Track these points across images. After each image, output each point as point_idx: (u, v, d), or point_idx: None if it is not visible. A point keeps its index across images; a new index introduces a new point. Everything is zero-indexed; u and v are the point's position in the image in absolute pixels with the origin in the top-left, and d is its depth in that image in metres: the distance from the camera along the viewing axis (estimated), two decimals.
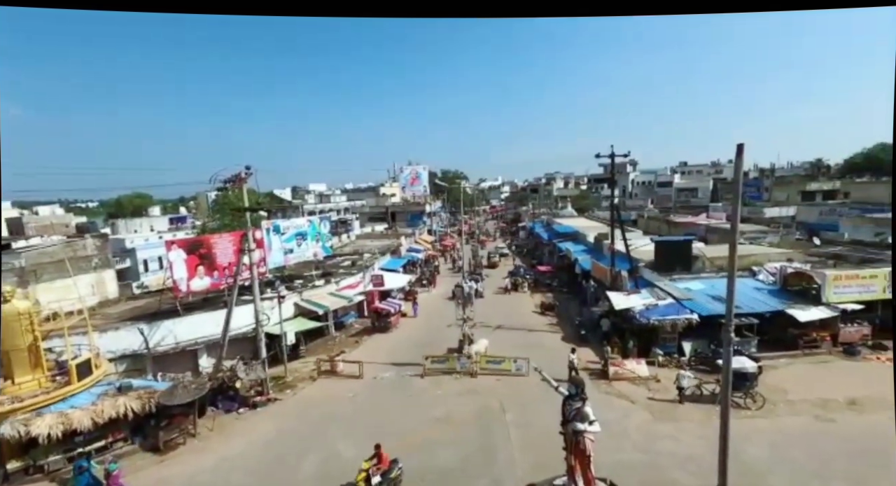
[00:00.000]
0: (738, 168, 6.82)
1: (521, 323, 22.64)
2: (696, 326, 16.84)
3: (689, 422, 12.43)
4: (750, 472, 9.65)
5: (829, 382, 14.35)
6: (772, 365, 15.50)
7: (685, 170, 72.01)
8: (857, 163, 54.77)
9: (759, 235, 29.17)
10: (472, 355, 16.79)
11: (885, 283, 16.77)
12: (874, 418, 12.01)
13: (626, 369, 15.79)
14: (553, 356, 17.74)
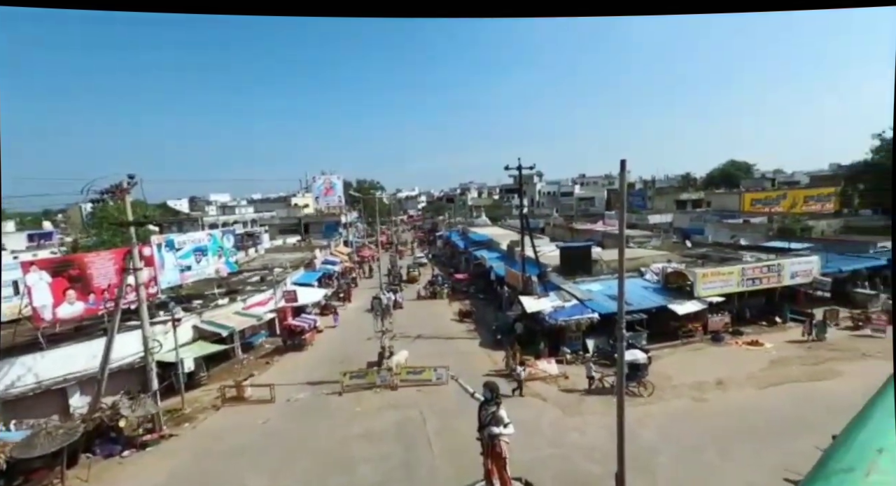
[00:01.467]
0: (623, 181, 7.69)
1: (440, 331, 22.91)
2: (597, 324, 18.46)
3: (593, 414, 13.49)
4: (643, 453, 10.75)
5: (702, 366, 16.60)
6: (658, 355, 17.49)
7: (584, 181, 79.41)
8: (714, 177, 65.11)
9: (644, 239, 32.95)
10: (392, 367, 16.57)
11: (738, 278, 19.94)
12: (735, 394, 14.20)
13: (538, 369, 16.71)
14: (471, 362, 18.27)
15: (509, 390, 14.56)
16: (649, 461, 10.63)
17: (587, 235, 37.12)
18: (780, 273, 20.30)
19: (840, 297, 21.50)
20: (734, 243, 30.04)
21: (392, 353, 17.97)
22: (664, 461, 10.75)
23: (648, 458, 10.71)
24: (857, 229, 31.43)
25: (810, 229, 32.57)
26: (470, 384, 15.11)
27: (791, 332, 19.47)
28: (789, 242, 27.01)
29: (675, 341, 19.01)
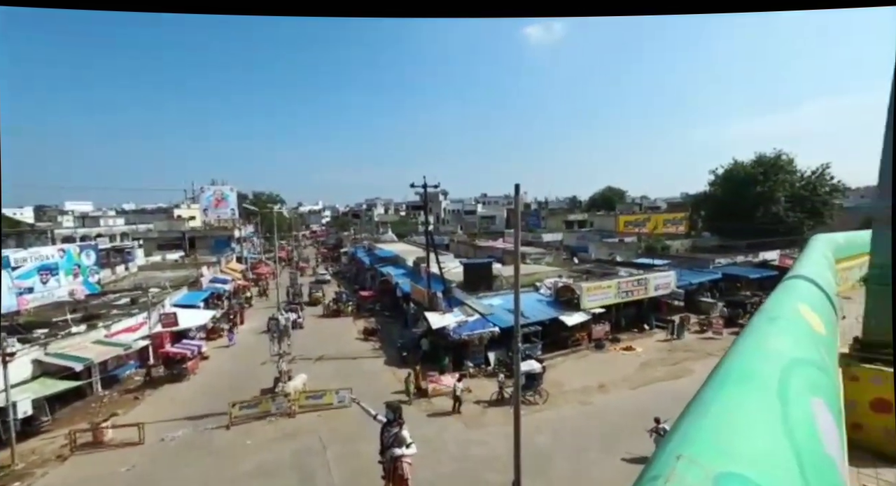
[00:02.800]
0: (517, 203, 8.34)
1: (344, 351, 22.03)
2: (498, 337, 19.37)
3: (495, 425, 14.00)
4: (539, 458, 11.44)
5: (587, 372, 18.31)
6: (552, 364, 18.89)
7: (486, 200, 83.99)
8: (596, 200, 73.65)
9: (539, 256, 35.74)
10: (289, 393, 15.42)
11: (616, 290, 22.57)
12: (614, 395, 15.91)
13: (442, 384, 16.91)
14: (376, 382, 17.83)
15: (416, 408, 14.51)
16: (545, 464, 11.33)
17: (489, 251, 39.02)
18: (647, 286, 23.46)
19: (690, 305, 25.52)
20: (612, 260, 34.08)
21: (290, 377, 16.76)
22: (558, 463, 11.54)
23: (544, 462, 11.41)
24: (701, 249, 37.87)
25: (668, 248, 38.35)
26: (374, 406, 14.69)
27: (656, 336, 22.54)
28: (653, 258, 31.50)
29: (566, 350, 20.71)
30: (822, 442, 1.34)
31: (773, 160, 37.82)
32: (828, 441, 1.39)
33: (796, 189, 36.81)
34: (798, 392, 1.48)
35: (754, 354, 1.74)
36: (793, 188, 36.77)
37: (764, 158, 38.33)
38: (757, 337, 1.98)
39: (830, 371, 2.10)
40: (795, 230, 34.10)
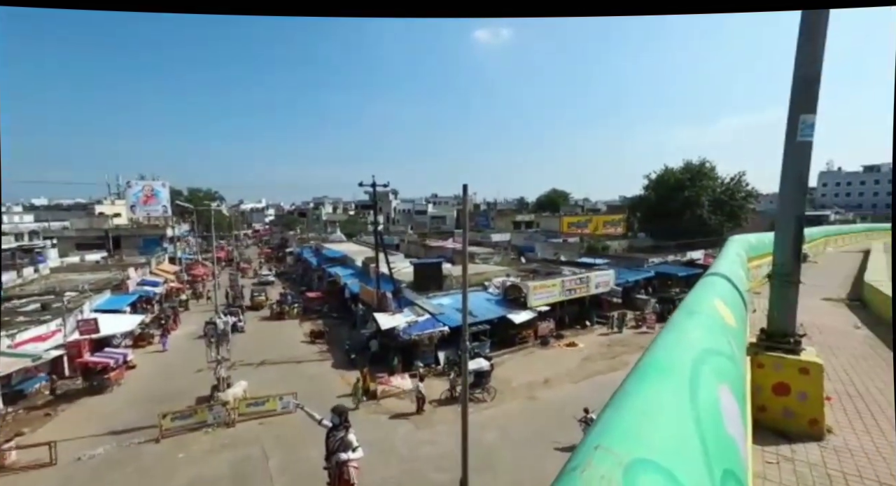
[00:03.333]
0: (465, 203, 8.46)
1: (289, 355, 21.20)
2: (448, 336, 19.52)
3: (445, 424, 14.10)
4: (487, 454, 11.69)
5: (534, 368, 18.93)
6: (500, 361, 19.34)
7: (436, 201, 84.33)
8: (542, 202, 76.44)
9: (488, 256, 36.43)
10: (228, 401, 14.60)
11: (560, 289, 23.53)
12: (558, 390, 16.57)
13: (392, 385, 16.78)
14: (323, 385, 17.33)
15: (365, 411, 14.29)
16: (492, 460, 11.58)
17: (439, 251, 39.21)
18: (588, 284, 24.68)
19: (627, 302, 27.17)
20: (557, 259, 35.47)
21: (229, 385, 15.86)
22: (504, 458, 11.84)
23: (491, 458, 11.66)
24: (637, 249, 40.44)
25: (608, 248, 40.59)
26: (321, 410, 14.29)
27: (597, 332, 23.77)
28: (594, 258, 33.18)
29: (513, 348, 21.29)
30: (725, 424, 1.49)
31: (698, 167, 41.20)
32: (730, 423, 1.55)
33: (717, 194, 40.34)
34: (707, 380, 1.63)
35: (672, 346, 1.89)
36: (714, 193, 40.26)
37: (691, 165, 41.66)
38: (676, 331, 2.16)
39: (738, 360, 2.33)
40: (716, 232, 37.33)
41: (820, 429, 3.57)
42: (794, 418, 3.63)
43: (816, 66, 3.55)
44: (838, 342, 6.13)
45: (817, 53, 3.52)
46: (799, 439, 3.53)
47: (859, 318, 7.41)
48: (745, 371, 3.20)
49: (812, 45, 3.53)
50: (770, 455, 3.30)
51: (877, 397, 4.40)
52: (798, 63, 3.60)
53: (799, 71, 3.63)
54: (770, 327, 4.00)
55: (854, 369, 5.11)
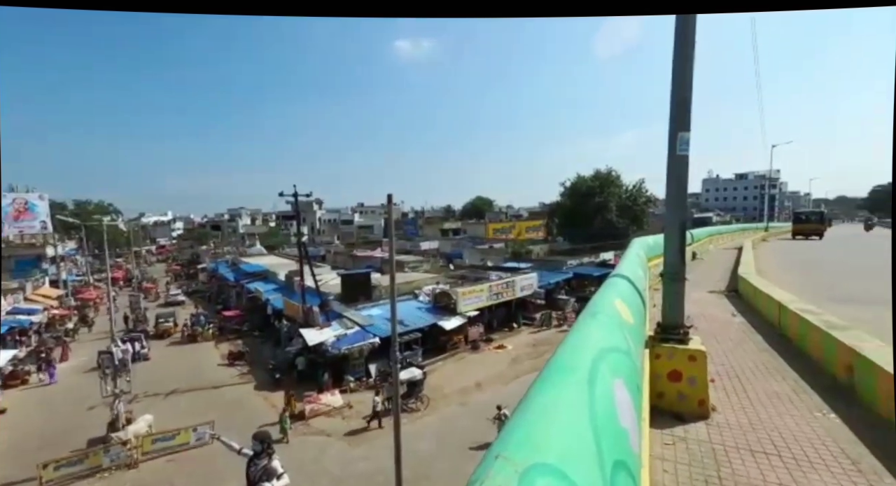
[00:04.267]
0: (390, 212, 8.45)
1: (204, 380, 19.38)
2: (379, 347, 19.16)
3: (378, 438, 13.78)
4: (423, 464, 11.61)
5: (465, 373, 19.25)
6: (432, 369, 19.39)
7: (363, 210, 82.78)
8: (468, 209, 78.55)
9: (417, 263, 36.51)
10: (129, 439, 12.95)
11: (488, 293, 24.26)
12: (489, 393, 16.98)
13: (321, 403, 16.06)
14: (245, 410, 16.09)
15: (292, 433, 13.49)
16: (427, 469, 11.53)
17: (367, 261, 38.50)
18: (514, 288, 25.74)
19: (550, 303, 28.75)
20: (483, 265, 36.55)
21: (129, 420, 14.10)
22: (440, 466, 11.85)
23: (427, 467, 11.61)
24: (557, 252, 43.07)
25: (531, 252, 42.74)
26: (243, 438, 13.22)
27: (524, 333, 24.83)
28: (518, 262, 34.72)
29: (445, 354, 21.47)
30: (618, 417, 1.65)
31: (606, 175, 45.11)
32: (623, 416, 1.71)
33: (623, 200, 44.46)
34: (604, 377, 1.79)
35: (574, 347, 2.05)
36: (620, 199, 44.33)
37: (600, 173, 45.50)
38: (579, 331, 2.34)
39: (634, 354, 2.58)
40: (624, 234, 41.03)
41: (706, 409, 4.07)
42: (685, 401, 4.10)
43: (688, 90, 4.11)
44: (720, 330, 7.05)
45: (688, 80, 4.07)
46: (691, 419, 3.99)
47: (736, 307, 8.59)
48: (644, 363, 3.55)
49: (684, 72, 4.08)
50: (667, 438, 3.69)
51: (750, 376, 5.12)
52: (674, 87, 4.13)
53: (675, 94, 4.17)
54: (664, 320, 4.48)
55: (732, 353, 5.90)
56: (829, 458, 3.30)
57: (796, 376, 5.05)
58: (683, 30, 4.05)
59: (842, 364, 4.66)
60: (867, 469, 3.14)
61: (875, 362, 4.00)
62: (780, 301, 6.85)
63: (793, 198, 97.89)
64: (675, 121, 4.20)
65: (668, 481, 3.10)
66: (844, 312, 7.36)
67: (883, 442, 3.49)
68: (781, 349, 5.99)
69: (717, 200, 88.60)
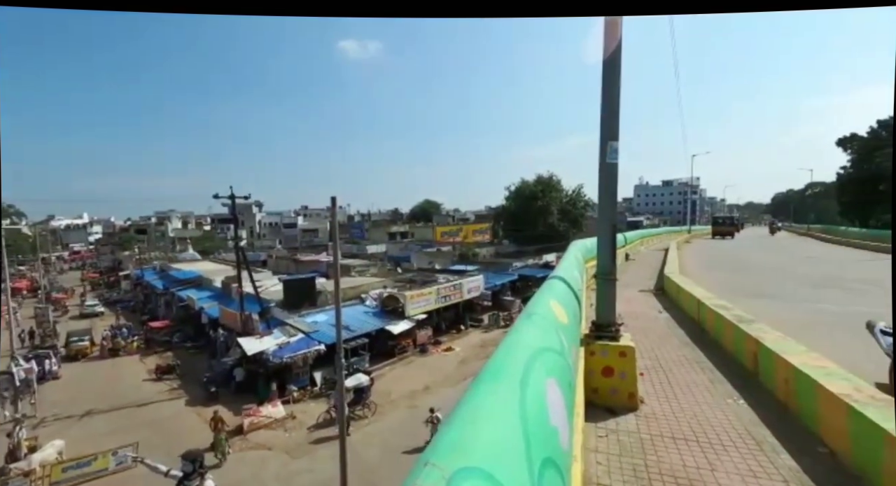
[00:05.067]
0: (334, 215, 8.24)
1: (127, 398, 17.72)
2: (325, 355, 18.57)
3: (323, 449, 13.32)
4: (369, 472, 11.39)
5: (414, 377, 19.17)
6: (380, 374, 19.11)
7: (307, 213, 79.95)
8: (416, 212, 78.51)
9: (364, 267, 35.87)
10: (33, 469, 11.54)
11: (436, 296, 24.35)
12: (437, 395, 17.02)
13: (262, 416, 15.27)
14: (176, 428, 14.91)
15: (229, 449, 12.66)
16: (374, 477, 11.32)
17: (312, 266, 37.24)
18: (462, 290, 26.05)
19: (497, 304, 29.42)
20: (432, 268, 36.66)
21: (34, 448, 12.57)
22: (387, 473, 11.67)
23: (374, 475, 11.40)
24: (502, 254, 44.21)
25: (477, 255, 43.51)
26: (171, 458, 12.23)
27: (471, 335, 25.17)
28: (466, 265, 35.21)
29: (393, 359, 21.24)
30: (549, 416, 1.72)
31: (548, 180, 47.02)
32: (554, 414, 1.79)
33: (563, 204, 46.56)
34: (536, 377, 1.86)
35: (510, 349, 2.11)
36: (561, 203, 46.39)
37: (542, 178, 47.34)
38: (516, 333, 2.42)
39: (566, 353, 2.71)
40: (565, 237, 42.99)
41: (636, 401, 4.35)
42: (617, 394, 4.36)
43: (616, 103, 4.40)
44: (648, 326, 7.58)
45: (616, 93, 4.37)
46: (622, 412, 4.25)
47: (662, 304, 9.29)
48: (578, 361, 3.74)
49: (612, 83, 4.36)
50: (601, 431, 3.90)
51: (673, 368, 5.55)
52: (603, 100, 4.41)
53: (605, 105, 4.45)
54: (597, 319, 4.74)
55: (659, 348, 6.37)
56: (737, 440, 3.66)
57: (712, 366, 5.55)
58: (611, 43, 4.33)
59: (749, 354, 5.18)
60: (768, 448, 3.51)
61: (775, 351, 4.50)
62: (699, 298, 7.50)
63: (711, 203, 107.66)
64: (605, 130, 4.48)
65: (601, 472, 3.28)
66: (754, 306, 8.22)
67: (779, 423, 3.92)
68: (700, 343, 6.55)
69: (648, 204, 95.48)
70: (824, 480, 3.05)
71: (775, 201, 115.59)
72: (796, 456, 3.37)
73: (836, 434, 3.36)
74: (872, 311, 5.31)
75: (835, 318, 7.34)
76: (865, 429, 2.96)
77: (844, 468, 3.18)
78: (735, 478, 3.12)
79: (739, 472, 3.20)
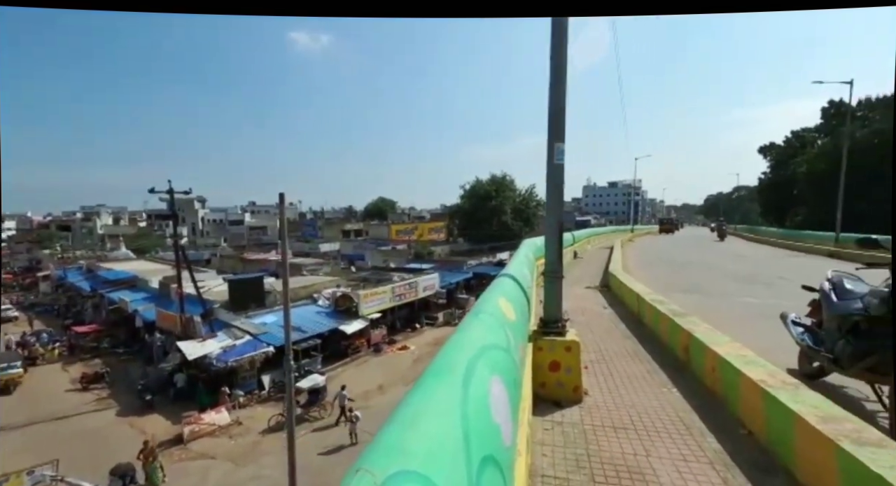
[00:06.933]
0: (282, 213, 7.94)
1: (46, 411, 16.14)
2: (274, 357, 17.88)
3: (271, 455, 12.83)
4: (319, 474, 11.11)
5: (368, 377, 18.90)
6: (334, 375, 18.67)
7: (255, 209, 76.34)
8: (370, 210, 77.37)
9: (317, 266, 34.90)
10: None
11: (390, 295, 24.13)
12: (391, 395, 16.91)
13: (204, 423, 14.46)
14: (107, 441, 13.76)
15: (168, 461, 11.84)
16: (326, 480, 11.04)
17: (261, 265, 35.76)
18: (417, 289, 26.00)
19: (451, 302, 29.62)
20: (386, 266, 36.30)
21: None
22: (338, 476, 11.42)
23: (324, 477, 11.12)
24: (457, 253, 44.62)
25: (433, 253, 43.62)
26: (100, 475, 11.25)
27: (426, 333, 25.17)
28: (421, 263, 35.16)
29: (346, 359, 20.84)
30: (491, 413, 1.74)
31: (501, 180, 47.97)
32: (496, 411, 1.82)
33: (516, 203, 47.70)
34: (480, 375, 1.88)
35: (455, 348, 2.12)
36: (514, 202, 47.50)
37: (496, 177, 48.22)
38: (462, 332, 2.43)
39: (512, 350, 2.77)
40: (518, 235, 44.08)
41: (580, 394, 4.54)
42: (563, 388, 4.52)
43: (562, 105, 4.55)
44: (593, 321, 7.94)
45: (561, 96, 4.52)
46: (567, 405, 4.41)
47: (607, 300, 9.76)
48: (525, 357, 3.84)
49: (558, 89, 4.51)
50: (547, 424, 4.03)
51: (616, 361, 5.84)
52: (550, 103, 4.55)
53: (551, 107, 4.58)
54: (545, 315, 4.89)
55: (603, 341, 6.68)
56: (670, 426, 3.91)
57: (650, 357, 5.90)
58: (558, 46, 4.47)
59: (681, 346, 5.56)
60: (696, 432, 3.78)
61: (704, 342, 4.85)
62: (639, 293, 7.95)
63: (651, 204, 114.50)
64: (552, 132, 4.62)
65: (546, 464, 3.38)
66: (688, 300, 8.83)
67: (707, 408, 4.24)
68: (640, 335, 6.94)
69: (595, 205, 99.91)
70: (743, 459, 3.33)
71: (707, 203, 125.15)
72: (720, 439, 3.65)
73: (753, 416, 3.68)
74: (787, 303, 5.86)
75: (756, 310, 8.04)
76: (777, 410, 3.26)
77: (760, 446, 3.48)
78: (667, 462, 3.33)
79: (671, 456, 3.42)
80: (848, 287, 4.32)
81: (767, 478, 3.09)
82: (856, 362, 3.83)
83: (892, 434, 2.98)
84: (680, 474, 3.18)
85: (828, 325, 4.34)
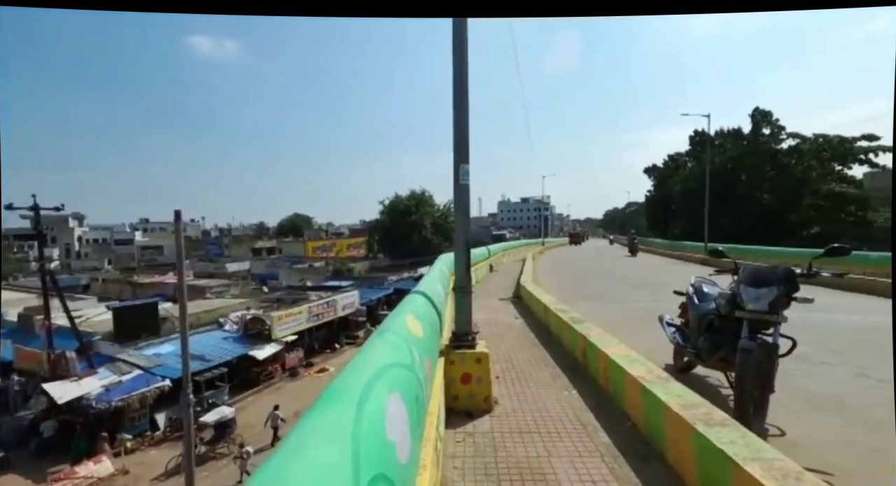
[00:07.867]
0: (178, 229, 7.30)
1: None
2: (171, 391, 16.00)
3: None
4: None
5: (283, 404, 17.56)
6: (243, 405, 17.21)
7: (147, 227, 68.17)
8: (284, 226, 73.50)
9: (223, 288, 32.14)
10: None
11: (307, 315, 23.01)
12: None
13: (78, 478, 12.40)
14: None
15: None
16: None
17: (156, 289, 32.06)
18: (336, 307, 25.13)
19: (372, 320, 29.03)
20: (303, 285, 34.59)
21: None
22: None
23: None
24: (378, 268, 44.06)
25: (352, 270, 42.55)
26: None
27: (347, 352, 24.29)
28: (340, 280, 34.08)
29: (259, 387, 19.35)
30: (386, 432, 1.77)
31: (420, 195, 48.68)
32: (392, 429, 1.85)
33: (436, 218, 48.62)
34: (377, 394, 1.90)
35: (354, 369, 2.11)
36: (434, 217, 48.39)
37: (415, 193, 48.81)
38: (363, 353, 2.43)
39: (416, 367, 2.82)
40: (438, 250, 44.82)
41: (490, 404, 4.73)
42: (474, 399, 4.69)
43: (465, 129, 4.84)
44: (505, 332, 8.33)
45: (465, 120, 4.80)
46: (478, 415, 4.57)
47: (518, 311, 10.31)
48: (437, 372, 3.93)
49: (461, 113, 4.79)
50: (459, 435, 4.14)
51: (525, 368, 6.19)
52: (455, 126, 4.81)
53: (456, 132, 4.85)
54: (456, 329, 5.05)
55: (513, 351, 7.04)
56: (569, 426, 4.24)
57: (554, 363, 6.34)
58: (459, 68, 4.75)
59: (580, 350, 6.07)
60: (591, 429, 4.15)
61: (597, 346, 5.36)
62: (545, 303, 8.53)
63: (559, 218, 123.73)
64: (458, 154, 4.87)
65: (457, 476, 3.47)
66: (588, 307, 9.66)
67: (600, 406, 4.68)
68: (547, 343, 7.44)
69: (510, 219, 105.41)
70: (626, 449, 3.73)
71: (606, 217, 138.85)
72: (610, 433, 4.05)
73: (635, 410, 4.15)
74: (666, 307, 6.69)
75: (643, 314, 9.05)
76: (652, 402, 3.72)
77: (641, 436, 3.93)
78: (565, 460, 3.61)
79: (569, 454, 3.71)
80: (706, 291, 5.10)
81: (646, 465, 3.49)
82: (711, 355, 4.52)
83: (736, 414, 3.56)
84: (575, 469, 3.46)
85: (692, 324, 5.06)
